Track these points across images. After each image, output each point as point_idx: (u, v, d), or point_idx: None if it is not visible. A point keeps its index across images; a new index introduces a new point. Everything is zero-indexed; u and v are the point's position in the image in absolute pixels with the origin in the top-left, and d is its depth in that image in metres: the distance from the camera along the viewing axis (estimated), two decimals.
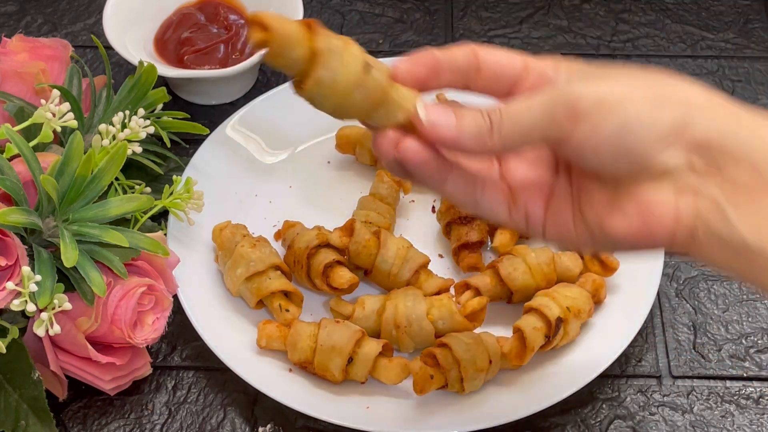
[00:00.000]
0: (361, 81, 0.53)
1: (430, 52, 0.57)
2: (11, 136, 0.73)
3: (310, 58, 0.52)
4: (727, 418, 0.79)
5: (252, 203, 0.90)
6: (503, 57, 0.58)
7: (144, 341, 0.76)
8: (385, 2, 1.10)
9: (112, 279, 0.74)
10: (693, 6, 1.10)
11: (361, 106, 0.54)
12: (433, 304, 0.81)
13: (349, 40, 0.54)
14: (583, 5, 1.10)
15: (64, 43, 0.90)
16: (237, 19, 1.00)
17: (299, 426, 0.79)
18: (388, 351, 0.79)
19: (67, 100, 0.79)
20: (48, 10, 1.09)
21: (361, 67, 0.53)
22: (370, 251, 0.83)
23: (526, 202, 0.59)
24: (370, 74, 0.54)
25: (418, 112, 0.55)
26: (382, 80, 0.54)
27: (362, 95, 0.54)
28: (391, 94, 0.55)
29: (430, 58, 0.57)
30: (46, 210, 0.74)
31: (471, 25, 1.07)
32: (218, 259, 0.85)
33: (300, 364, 0.79)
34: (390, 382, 0.78)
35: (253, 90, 1.01)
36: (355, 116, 0.55)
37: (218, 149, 0.92)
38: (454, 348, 0.76)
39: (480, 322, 0.81)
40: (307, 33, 0.52)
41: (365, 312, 0.81)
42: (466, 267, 0.85)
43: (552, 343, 0.78)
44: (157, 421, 0.79)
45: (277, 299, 0.82)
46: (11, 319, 0.74)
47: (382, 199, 0.88)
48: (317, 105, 0.54)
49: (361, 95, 0.54)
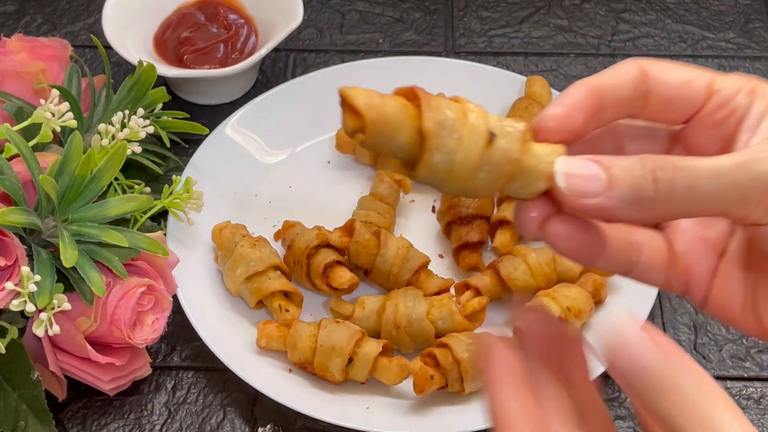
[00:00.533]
0: (485, 159, 0.42)
1: (587, 86, 0.44)
2: (10, 135, 0.73)
3: (418, 140, 0.42)
4: None
5: (252, 203, 0.90)
6: (681, 76, 0.45)
7: (143, 341, 0.75)
8: (385, 2, 1.10)
9: (112, 279, 0.74)
10: (693, 6, 1.09)
11: (490, 186, 0.43)
12: (433, 305, 0.80)
13: (466, 106, 0.43)
14: (583, 5, 1.10)
15: (63, 43, 0.90)
16: (237, 18, 1.00)
17: (299, 426, 0.79)
18: (388, 351, 0.79)
19: (67, 100, 0.79)
20: (47, 10, 1.08)
21: (484, 141, 0.42)
22: (371, 251, 0.83)
23: (690, 264, 0.47)
24: (496, 145, 0.42)
25: (557, 179, 0.42)
26: (513, 148, 0.42)
27: (489, 173, 0.42)
28: (525, 162, 0.43)
29: (590, 95, 0.44)
30: (45, 210, 0.74)
31: (471, 25, 1.07)
32: (218, 259, 0.84)
33: (300, 364, 0.79)
34: (390, 382, 0.78)
35: (253, 90, 1.01)
36: (486, 195, 0.45)
37: (218, 149, 0.92)
38: (454, 348, 0.76)
39: (480, 322, 0.81)
40: (411, 109, 0.42)
41: (365, 312, 0.81)
42: (466, 267, 0.85)
43: None
44: (157, 422, 0.79)
45: (276, 299, 0.81)
46: (11, 319, 0.74)
47: (382, 199, 0.88)
48: (436, 188, 0.44)
49: (488, 174, 0.42)
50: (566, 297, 0.79)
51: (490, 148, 0.42)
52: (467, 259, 0.85)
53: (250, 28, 1.00)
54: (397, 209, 0.90)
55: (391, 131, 0.42)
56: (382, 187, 0.89)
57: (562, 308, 0.78)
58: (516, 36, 1.06)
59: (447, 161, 0.42)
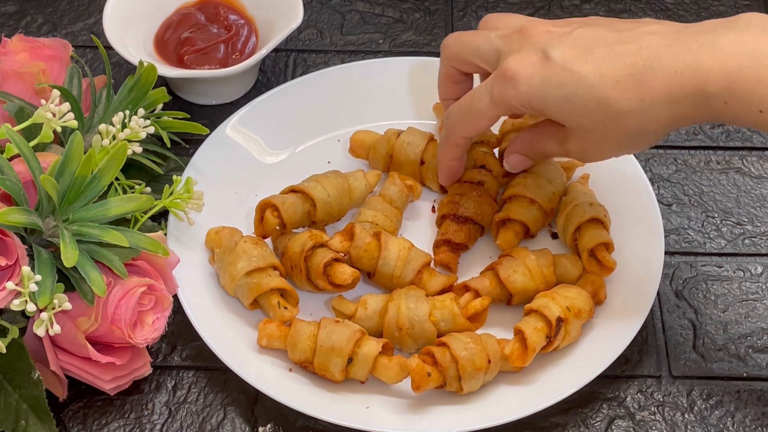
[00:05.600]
0: None
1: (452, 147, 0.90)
2: (11, 136, 0.73)
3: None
4: (727, 418, 0.79)
5: (252, 203, 0.90)
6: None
7: (144, 341, 0.76)
8: (385, 2, 1.10)
9: (112, 279, 0.74)
10: (693, 6, 1.10)
11: None
12: (435, 306, 0.81)
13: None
14: (583, 5, 1.10)
15: (64, 43, 0.90)
16: (237, 19, 1.00)
17: (299, 426, 0.79)
18: (388, 350, 0.79)
19: (67, 100, 0.79)
20: (48, 10, 1.09)
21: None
22: (372, 254, 0.83)
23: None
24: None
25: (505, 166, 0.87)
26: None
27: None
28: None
29: (458, 155, 0.89)
30: (46, 210, 0.74)
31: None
32: (214, 258, 0.84)
33: (300, 363, 0.79)
34: (390, 381, 0.78)
35: (253, 90, 1.01)
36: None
37: (218, 149, 0.92)
38: (452, 346, 0.76)
39: (482, 322, 0.81)
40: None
41: (367, 313, 0.81)
42: (438, 262, 0.85)
43: (554, 343, 0.78)
44: (157, 421, 0.79)
45: (275, 297, 0.82)
46: (11, 319, 0.74)
47: (391, 202, 0.88)
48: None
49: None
50: (565, 297, 0.79)
51: None
52: (442, 255, 0.85)
53: (250, 29, 1.00)
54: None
55: None
56: (393, 190, 0.88)
57: (562, 308, 0.78)
58: None
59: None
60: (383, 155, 0.91)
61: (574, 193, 0.88)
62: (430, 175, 0.90)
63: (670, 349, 0.83)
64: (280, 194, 0.87)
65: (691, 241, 0.90)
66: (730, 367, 0.82)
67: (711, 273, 0.88)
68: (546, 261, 0.83)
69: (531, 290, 0.82)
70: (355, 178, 0.88)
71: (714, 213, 0.92)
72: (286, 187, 0.87)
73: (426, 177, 0.91)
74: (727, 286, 0.87)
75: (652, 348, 0.83)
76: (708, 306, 0.86)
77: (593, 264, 0.83)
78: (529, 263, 0.82)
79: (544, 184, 0.87)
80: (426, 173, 0.90)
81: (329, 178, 0.87)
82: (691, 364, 0.82)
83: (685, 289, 0.87)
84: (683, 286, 0.87)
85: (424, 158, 0.90)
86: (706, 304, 0.86)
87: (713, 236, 0.90)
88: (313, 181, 0.87)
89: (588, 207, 0.85)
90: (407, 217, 0.91)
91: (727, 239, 0.90)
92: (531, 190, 0.86)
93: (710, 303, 0.86)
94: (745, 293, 0.87)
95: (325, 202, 0.86)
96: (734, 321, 0.85)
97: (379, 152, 0.91)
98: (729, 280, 0.87)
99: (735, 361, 0.82)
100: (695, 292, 0.87)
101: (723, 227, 0.91)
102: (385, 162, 0.91)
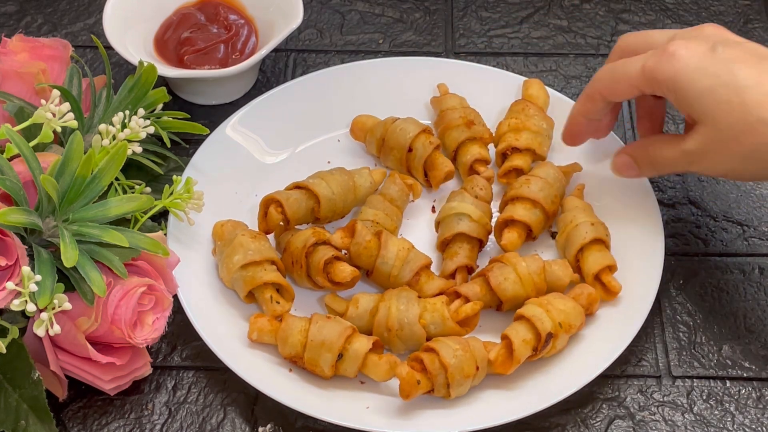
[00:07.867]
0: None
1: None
2: (11, 136, 0.73)
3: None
4: (727, 418, 0.79)
5: (252, 203, 0.90)
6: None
7: (144, 341, 0.76)
8: (385, 2, 1.10)
9: (112, 279, 0.74)
10: (693, 6, 1.10)
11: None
12: (426, 308, 0.80)
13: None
14: (583, 5, 1.10)
15: (64, 43, 0.90)
16: (237, 19, 1.00)
17: (299, 426, 0.79)
18: (378, 348, 0.79)
19: (67, 100, 0.79)
20: (48, 10, 1.09)
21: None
22: (371, 252, 0.83)
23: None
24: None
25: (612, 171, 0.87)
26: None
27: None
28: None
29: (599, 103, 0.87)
30: (46, 210, 0.74)
31: (471, 25, 1.07)
32: (216, 250, 0.85)
33: (290, 358, 0.79)
34: (379, 378, 0.78)
35: (253, 90, 1.01)
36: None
37: (218, 149, 0.92)
38: (441, 353, 0.76)
39: (472, 327, 0.81)
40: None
41: (358, 312, 0.81)
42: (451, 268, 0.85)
43: (538, 355, 0.78)
44: (157, 421, 0.79)
45: (269, 291, 0.82)
46: (11, 319, 0.74)
47: (391, 201, 0.88)
48: None
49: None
50: (560, 311, 0.79)
51: None
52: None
53: (250, 29, 1.00)
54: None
55: None
56: (393, 189, 0.89)
57: (554, 323, 0.78)
58: (515, 36, 1.06)
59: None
60: (377, 138, 0.91)
61: (574, 211, 0.86)
62: (415, 164, 0.90)
63: (670, 349, 0.83)
64: (284, 190, 0.87)
65: (691, 242, 0.90)
66: (730, 367, 0.82)
67: (711, 273, 0.88)
68: (537, 268, 0.83)
69: (521, 297, 0.82)
70: (361, 176, 0.88)
71: (714, 213, 0.92)
72: (291, 183, 0.87)
73: (412, 166, 0.91)
74: (727, 287, 0.87)
75: (652, 348, 0.83)
76: (708, 306, 0.86)
77: (598, 287, 0.83)
78: (520, 270, 0.82)
79: (545, 187, 0.86)
80: (412, 161, 0.90)
81: (334, 175, 0.87)
82: (691, 364, 0.82)
83: (685, 290, 0.87)
84: (683, 285, 0.87)
85: (413, 146, 0.90)
86: (706, 304, 0.86)
87: (713, 237, 0.90)
88: (318, 177, 0.87)
89: (590, 228, 0.84)
90: (407, 217, 0.91)
91: (727, 239, 0.90)
92: (534, 192, 0.86)
93: (710, 303, 0.86)
94: (745, 293, 0.86)
95: (329, 199, 0.86)
96: (734, 321, 0.85)
97: (374, 135, 0.92)
98: (729, 280, 0.87)
99: (734, 361, 0.82)
100: (695, 291, 0.87)
101: (723, 227, 0.91)
102: (378, 145, 0.92)
